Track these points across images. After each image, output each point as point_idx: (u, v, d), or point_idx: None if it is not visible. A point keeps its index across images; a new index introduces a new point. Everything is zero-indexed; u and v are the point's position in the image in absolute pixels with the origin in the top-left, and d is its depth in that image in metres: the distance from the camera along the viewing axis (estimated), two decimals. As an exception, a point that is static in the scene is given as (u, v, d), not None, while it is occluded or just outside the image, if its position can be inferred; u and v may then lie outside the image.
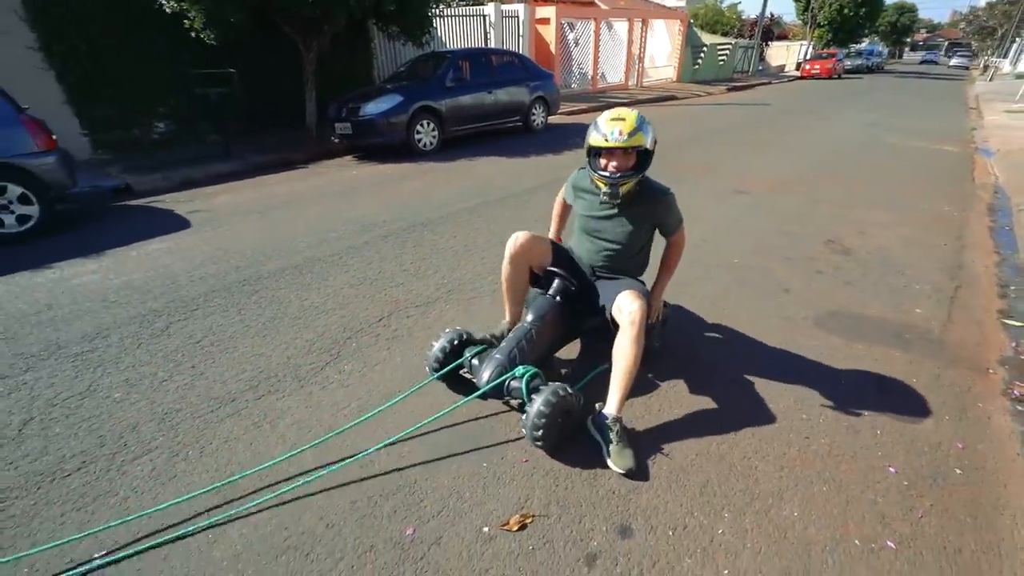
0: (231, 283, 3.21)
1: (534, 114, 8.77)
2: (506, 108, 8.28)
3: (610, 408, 1.87)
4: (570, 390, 1.88)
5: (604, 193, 2.02)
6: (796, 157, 7.25)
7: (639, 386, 2.25)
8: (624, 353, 1.87)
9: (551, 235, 2.55)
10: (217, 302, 2.97)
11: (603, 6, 16.45)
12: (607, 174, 1.98)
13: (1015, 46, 33.33)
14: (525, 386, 1.88)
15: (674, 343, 2.60)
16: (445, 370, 2.12)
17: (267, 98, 8.59)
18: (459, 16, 11.76)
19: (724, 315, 2.92)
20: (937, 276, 3.49)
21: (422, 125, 7.10)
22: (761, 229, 4.30)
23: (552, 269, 2.17)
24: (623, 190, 2.01)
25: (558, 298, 2.15)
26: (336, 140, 7.26)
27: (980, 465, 1.90)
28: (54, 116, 6.75)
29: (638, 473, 1.80)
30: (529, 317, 2.11)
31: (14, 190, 4.06)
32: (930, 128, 10.20)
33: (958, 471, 1.86)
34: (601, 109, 12.29)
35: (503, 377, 1.93)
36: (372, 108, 6.73)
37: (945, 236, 4.25)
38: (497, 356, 1.99)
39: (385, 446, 1.88)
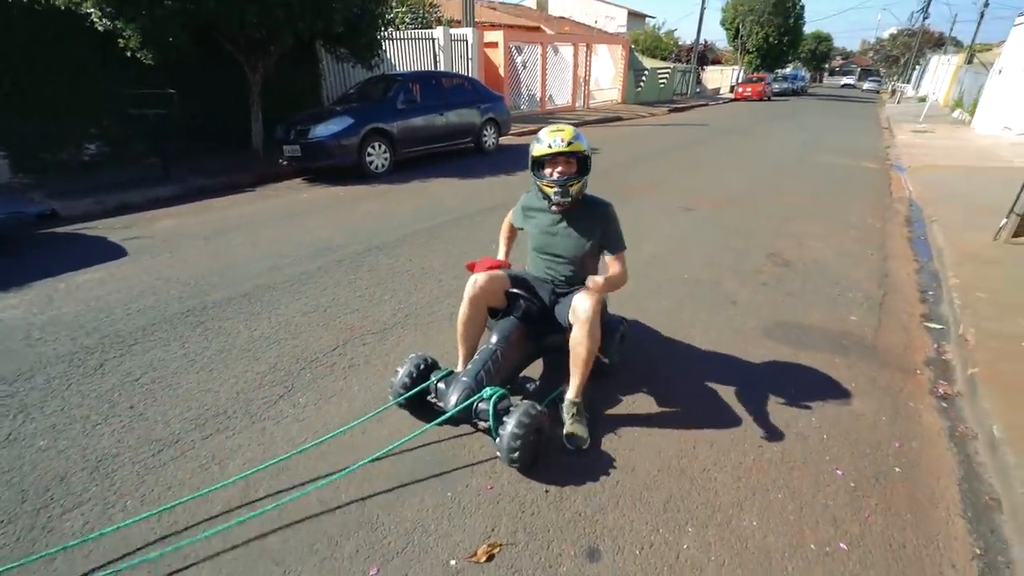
0: (173, 315, 3.02)
1: (486, 135, 8.88)
2: (458, 129, 8.34)
3: (570, 393, 2.07)
4: (540, 407, 1.89)
5: (555, 194, 2.12)
6: (736, 174, 7.68)
7: (601, 404, 2.29)
8: (578, 346, 2.00)
9: (499, 255, 2.57)
10: (158, 336, 2.79)
11: (548, 31, 17.02)
12: (555, 178, 2.11)
13: (915, 73, 36.96)
14: (492, 408, 1.87)
15: (632, 358, 2.65)
16: (410, 393, 2.07)
17: (211, 119, 8.27)
18: (409, 39, 11.82)
19: (678, 329, 3.02)
20: (867, 284, 3.77)
21: (373, 147, 7.02)
22: (708, 244, 4.50)
23: (514, 291, 2.18)
24: (573, 190, 2.13)
25: (521, 318, 2.17)
26: (284, 162, 7.07)
27: (915, 462, 2.04)
28: (-34, 139, 6.26)
29: (601, 494, 1.82)
30: (494, 339, 2.11)
31: (-83, 220, 3.69)
32: (852, 146, 11.09)
33: (897, 469, 1.99)
34: (551, 130, 12.65)
35: (471, 399, 1.92)
36: (322, 130, 6.61)
37: (871, 246, 4.60)
38: (464, 379, 1.97)
39: (346, 474, 1.81)
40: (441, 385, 2.07)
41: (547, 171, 2.13)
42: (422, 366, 2.13)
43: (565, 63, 17.35)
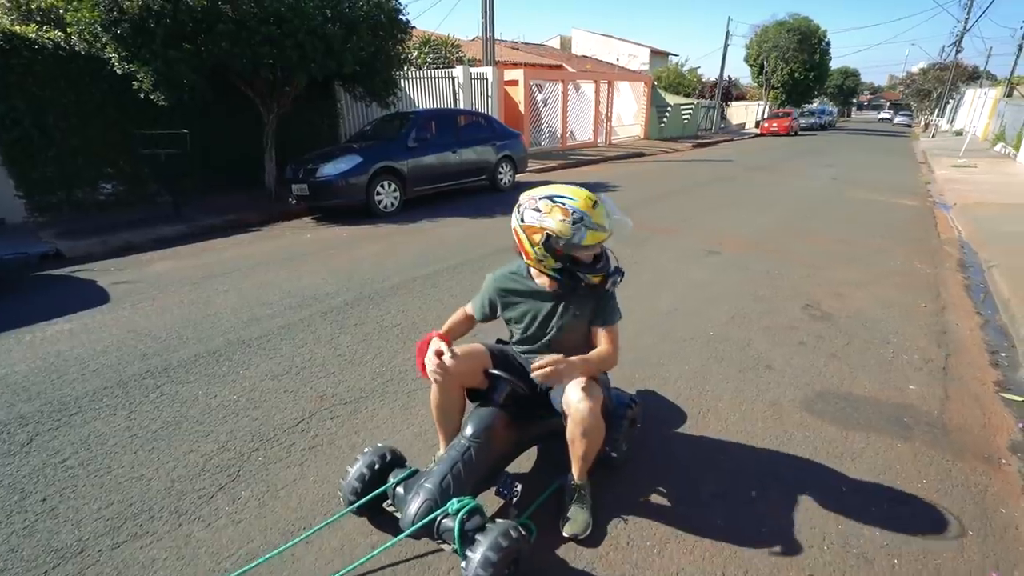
0: (130, 376, 2.72)
1: (501, 173, 8.68)
2: (471, 167, 8.16)
3: (572, 475, 1.79)
4: (521, 529, 1.48)
5: (612, 282, 1.70)
6: (764, 213, 7.23)
7: (606, 503, 1.85)
8: (574, 444, 1.70)
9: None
10: (105, 402, 2.48)
11: (570, 69, 17.12)
12: (607, 268, 1.68)
13: (949, 107, 36.07)
14: (458, 527, 1.46)
15: (646, 442, 2.22)
16: (361, 502, 1.67)
17: (226, 159, 8.33)
18: (428, 78, 11.94)
19: (703, 401, 2.57)
20: (923, 343, 3.26)
21: (383, 186, 6.86)
22: (735, 293, 4.05)
23: (495, 372, 1.79)
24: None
25: (503, 405, 1.77)
26: (293, 202, 6.96)
27: (1026, 609, 1.53)
28: (-15, 178, 6.35)
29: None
30: (468, 430, 1.69)
31: (-102, 264, 3.56)
32: (887, 182, 10.51)
33: (1002, 621, 1.49)
34: (571, 166, 12.47)
35: (434, 514, 1.51)
36: (330, 169, 6.49)
37: (922, 296, 4.08)
38: (427, 485, 1.57)
39: (270, 621, 1.41)
40: (400, 490, 1.66)
41: (584, 256, 1.64)
42: (378, 464, 1.72)
43: (587, 100, 17.37)
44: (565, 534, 1.72)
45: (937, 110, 37.00)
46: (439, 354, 1.67)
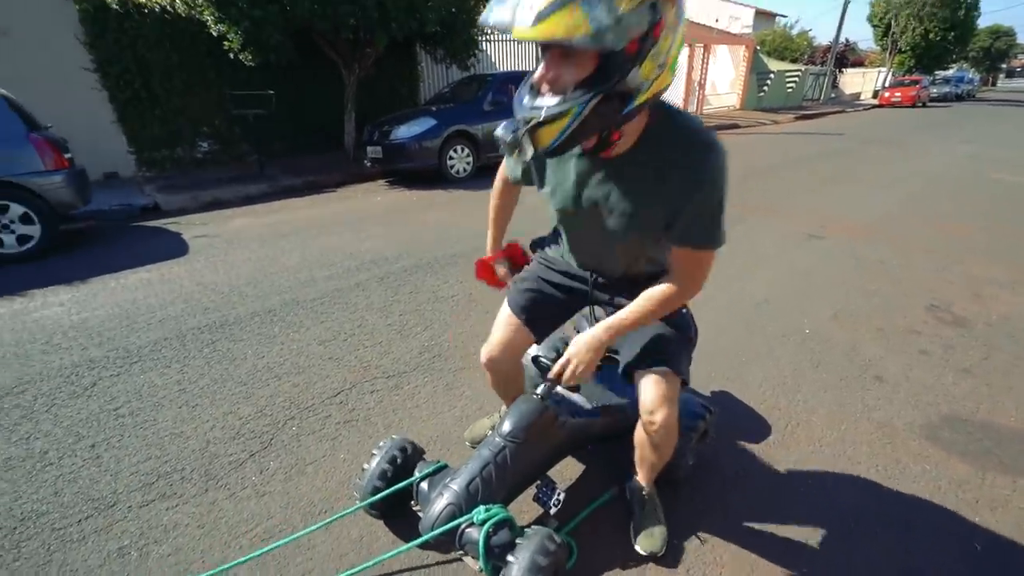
0: (189, 329, 2.78)
1: (579, 140, 8.20)
2: (549, 133, 7.76)
3: (638, 478, 1.57)
4: (558, 539, 1.25)
5: (501, 140, 0.98)
6: (880, 194, 6.24)
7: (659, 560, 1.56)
8: (646, 450, 1.45)
9: (489, 241, 1.75)
10: (163, 354, 2.53)
11: (663, 31, 15.86)
12: (522, 103, 0.96)
13: None
14: (483, 541, 1.25)
15: (716, 462, 1.87)
16: (376, 497, 1.47)
17: (310, 120, 8.57)
18: (510, 40, 11.51)
19: (792, 412, 2.16)
20: (1096, 366, 2.57)
21: (456, 150, 6.70)
22: (841, 286, 3.46)
23: (540, 358, 1.52)
24: (543, 139, 0.93)
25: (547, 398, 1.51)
26: (368, 164, 7.01)
27: None
28: (104, 135, 6.95)
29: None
30: (505, 427, 1.41)
31: (16, 209, 3.93)
32: (1045, 163, 8.76)
33: None
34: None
35: (456, 521, 1.30)
36: (404, 131, 6.41)
37: (1093, 305, 3.26)
38: (452, 486, 1.35)
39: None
40: (423, 486, 1.47)
41: (537, 73, 0.96)
42: (400, 458, 1.51)
43: (679, 65, 16.05)
44: (641, 551, 1.49)
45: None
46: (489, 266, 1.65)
